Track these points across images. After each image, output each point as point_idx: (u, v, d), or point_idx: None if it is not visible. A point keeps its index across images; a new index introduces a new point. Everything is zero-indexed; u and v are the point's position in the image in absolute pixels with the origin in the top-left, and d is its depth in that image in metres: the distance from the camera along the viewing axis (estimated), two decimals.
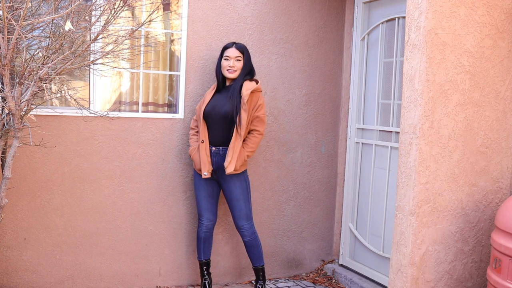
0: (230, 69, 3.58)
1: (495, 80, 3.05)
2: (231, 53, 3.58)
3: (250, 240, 3.70)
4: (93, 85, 3.62)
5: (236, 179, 3.61)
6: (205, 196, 3.69)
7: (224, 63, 3.60)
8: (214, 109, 3.55)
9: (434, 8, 2.81)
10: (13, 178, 3.26)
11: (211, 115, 3.55)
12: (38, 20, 2.52)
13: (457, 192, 3.01)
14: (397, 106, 3.72)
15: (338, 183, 4.38)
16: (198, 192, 3.70)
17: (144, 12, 3.60)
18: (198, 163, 3.60)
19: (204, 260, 3.76)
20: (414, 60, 2.89)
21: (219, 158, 3.58)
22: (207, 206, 3.70)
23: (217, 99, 3.59)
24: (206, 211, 3.70)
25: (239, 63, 3.59)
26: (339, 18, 4.25)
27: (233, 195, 3.63)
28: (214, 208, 3.73)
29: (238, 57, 3.58)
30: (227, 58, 3.59)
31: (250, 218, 3.69)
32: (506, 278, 2.63)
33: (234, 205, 3.64)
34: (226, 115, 3.51)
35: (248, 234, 3.68)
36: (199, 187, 3.69)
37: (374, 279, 3.93)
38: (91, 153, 3.61)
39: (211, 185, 3.68)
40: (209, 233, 3.73)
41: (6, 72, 2.53)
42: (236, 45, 3.62)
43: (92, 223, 3.65)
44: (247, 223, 3.67)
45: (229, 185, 3.62)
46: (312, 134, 4.24)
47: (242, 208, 3.64)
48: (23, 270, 3.52)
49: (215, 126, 3.57)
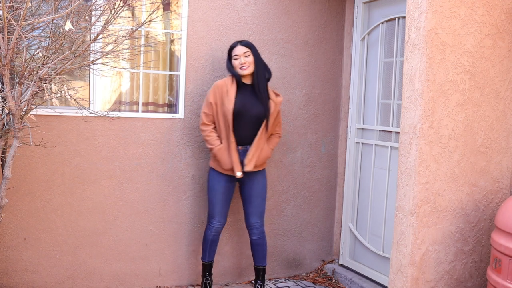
0: (243, 66, 3.53)
1: (495, 80, 3.05)
2: (238, 51, 3.55)
3: (258, 239, 3.71)
4: (93, 85, 3.61)
5: (260, 176, 3.66)
6: (222, 199, 3.63)
7: (235, 63, 3.56)
8: (245, 107, 3.52)
9: (434, 8, 2.81)
10: (13, 178, 3.26)
11: (241, 114, 3.51)
12: (38, 20, 2.52)
13: (457, 192, 3.01)
14: (397, 106, 3.72)
15: (338, 183, 4.38)
16: (215, 194, 3.63)
17: (144, 12, 3.60)
18: (228, 162, 3.53)
19: (209, 262, 3.74)
20: (414, 60, 2.89)
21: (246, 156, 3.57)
22: (221, 209, 3.64)
23: (243, 98, 3.54)
24: (219, 214, 3.64)
25: (249, 58, 3.54)
26: (339, 18, 4.25)
27: (253, 191, 3.64)
28: (227, 211, 3.70)
29: (246, 52, 3.54)
30: (236, 57, 3.56)
31: (262, 217, 3.72)
32: (506, 278, 2.63)
33: (253, 201, 3.65)
34: (257, 115, 3.53)
35: (257, 232, 3.70)
36: (217, 189, 3.62)
37: (374, 279, 3.93)
38: (91, 153, 3.61)
39: (229, 189, 3.65)
40: (217, 235, 3.70)
41: (6, 72, 2.53)
42: (241, 42, 3.60)
43: (92, 223, 3.65)
44: (259, 221, 3.69)
45: (252, 182, 3.63)
46: (312, 134, 4.24)
47: (259, 205, 3.67)
48: (23, 270, 3.52)
49: (243, 125, 3.54)
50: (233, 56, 3.57)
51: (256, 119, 3.54)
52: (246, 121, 3.53)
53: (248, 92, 3.57)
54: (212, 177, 3.66)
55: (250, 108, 3.53)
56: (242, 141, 3.56)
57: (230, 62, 3.60)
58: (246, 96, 3.56)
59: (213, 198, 3.64)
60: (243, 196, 3.71)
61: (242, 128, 3.54)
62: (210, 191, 3.67)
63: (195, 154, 3.88)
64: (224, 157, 3.53)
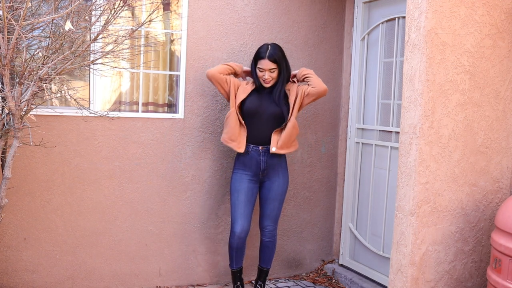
0: (266, 80, 3.49)
1: (495, 80, 3.05)
2: (264, 65, 3.45)
3: (268, 241, 3.68)
4: (93, 85, 3.62)
5: (282, 177, 3.60)
6: (244, 200, 3.52)
7: (258, 73, 3.50)
8: (261, 107, 3.50)
9: (434, 8, 2.81)
10: (13, 178, 3.26)
11: (258, 113, 3.49)
12: (38, 20, 2.52)
13: (457, 192, 3.01)
14: (397, 106, 3.72)
15: (338, 183, 4.38)
16: (237, 195, 3.52)
17: (144, 12, 3.60)
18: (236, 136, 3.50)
19: (237, 269, 3.66)
20: (414, 60, 2.89)
21: (268, 157, 3.53)
22: (244, 211, 3.50)
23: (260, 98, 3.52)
24: (241, 217, 3.49)
25: (274, 74, 3.48)
26: (339, 18, 4.25)
27: (271, 194, 3.58)
28: (249, 215, 3.54)
29: (272, 69, 3.46)
30: (261, 69, 3.48)
31: (276, 221, 3.67)
32: (506, 278, 2.63)
33: (269, 204, 3.59)
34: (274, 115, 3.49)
35: (269, 235, 3.66)
36: (240, 190, 3.53)
37: (374, 279, 3.93)
38: (91, 153, 3.61)
39: (252, 190, 3.56)
40: (242, 242, 3.54)
41: (6, 72, 2.53)
42: (269, 55, 3.45)
43: (92, 223, 3.65)
44: (272, 225, 3.64)
45: (272, 183, 3.58)
46: (312, 134, 4.24)
47: (275, 208, 3.61)
48: (23, 270, 3.52)
49: (261, 125, 3.51)
50: (258, 66, 3.50)
51: (274, 118, 3.50)
52: (263, 120, 3.50)
53: (266, 94, 3.55)
54: (234, 179, 3.58)
55: (266, 108, 3.50)
56: (262, 141, 3.52)
57: (255, 65, 3.52)
58: (264, 96, 3.53)
59: (235, 200, 3.53)
60: (260, 197, 3.65)
61: (260, 127, 3.51)
62: (232, 193, 3.57)
63: (195, 154, 3.88)
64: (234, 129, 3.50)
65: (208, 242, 3.98)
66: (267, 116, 3.50)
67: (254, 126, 3.52)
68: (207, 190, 3.94)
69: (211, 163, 3.93)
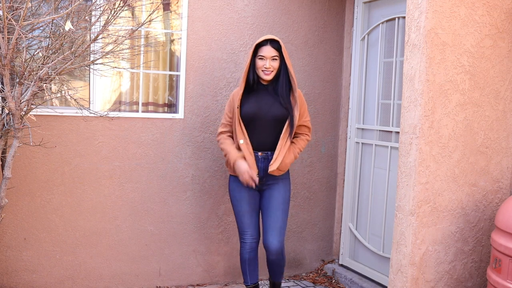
0: (266, 71, 3.17)
1: (495, 80, 3.05)
2: (266, 53, 3.16)
3: (275, 259, 3.25)
4: (93, 85, 3.62)
5: (281, 185, 3.26)
6: (249, 210, 3.26)
7: (259, 63, 3.18)
8: (261, 110, 3.18)
9: (434, 8, 2.81)
10: (13, 178, 3.26)
11: (257, 117, 3.18)
12: (38, 20, 2.52)
13: (457, 192, 3.01)
14: (397, 106, 3.72)
15: (338, 183, 4.38)
16: (240, 206, 3.27)
17: (144, 12, 3.60)
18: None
19: (252, 284, 3.36)
20: (414, 60, 2.89)
21: (267, 164, 3.21)
22: (250, 221, 3.27)
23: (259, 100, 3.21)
24: (249, 227, 3.27)
25: (275, 63, 3.18)
26: (339, 18, 4.25)
27: (272, 202, 3.23)
28: (257, 223, 3.31)
29: (274, 56, 3.17)
30: (262, 57, 3.17)
31: (282, 235, 3.21)
32: (506, 278, 2.63)
33: (271, 214, 3.21)
34: (275, 117, 3.18)
35: (275, 253, 3.20)
36: (242, 200, 3.26)
37: (374, 279, 3.93)
38: (91, 153, 3.61)
39: (254, 198, 3.28)
40: (253, 253, 3.31)
41: (6, 72, 2.53)
42: (271, 42, 3.18)
43: (92, 223, 3.65)
44: (278, 242, 3.19)
45: (272, 191, 3.25)
46: (312, 134, 4.24)
47: (278, 219, 3.21)
48: (23, 270, 3.52)
49: (261, 129, 3.20)
50: (259, 55, 3.19)
51: (275, 121, 3.19)
52: (263, 125, 3.19)
53: (265, 93, 3.24)
54: (232, 188, 3.31)
55: (268, 109, 3.19)
56: (262, 147, 3.22)
57: (254, 58, 3.21)
58: (263, 97, 3.22)
59: (239, 211, 3.28)
60: (261, 208, 3.31)
61: (260, 132, 3.21)
62: (234, 204, 3.33)
63: (195, 154, 3.88)
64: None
65: (208, 242, 3.98)
66: (269, 119, 3.20)
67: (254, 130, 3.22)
68: (207, 190, 3.94)
69: (211, 163, 3.94)
